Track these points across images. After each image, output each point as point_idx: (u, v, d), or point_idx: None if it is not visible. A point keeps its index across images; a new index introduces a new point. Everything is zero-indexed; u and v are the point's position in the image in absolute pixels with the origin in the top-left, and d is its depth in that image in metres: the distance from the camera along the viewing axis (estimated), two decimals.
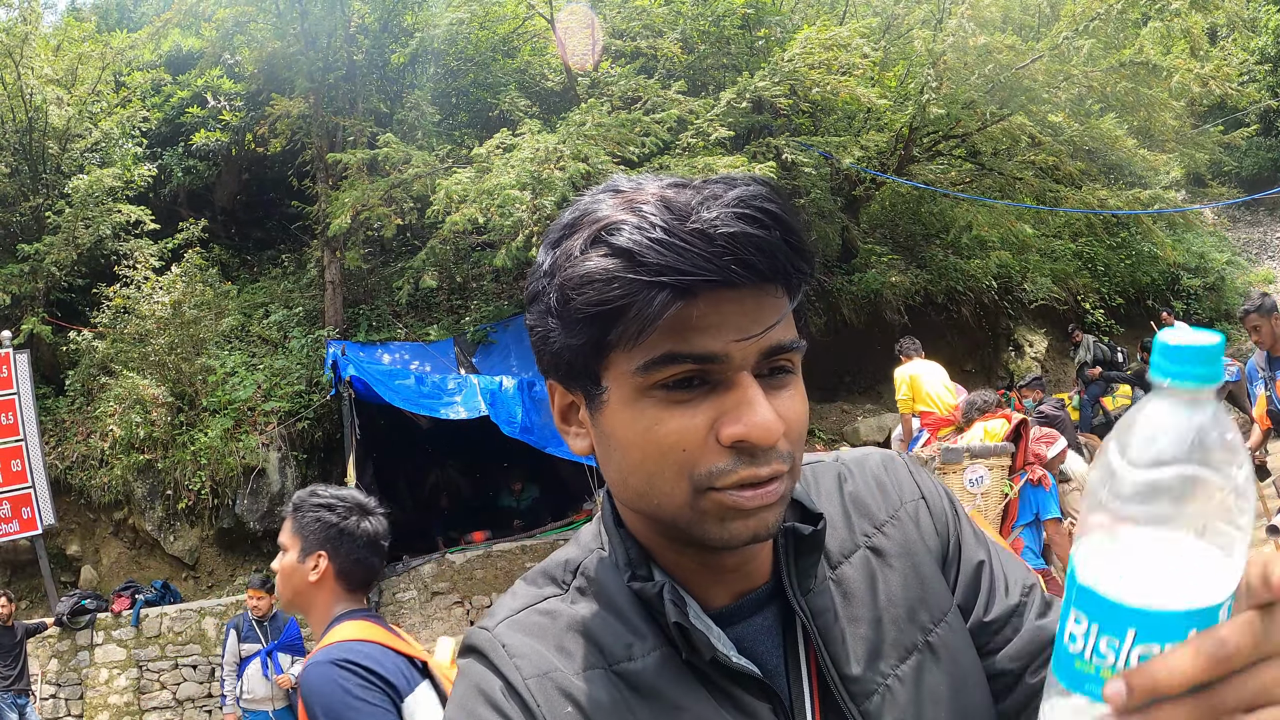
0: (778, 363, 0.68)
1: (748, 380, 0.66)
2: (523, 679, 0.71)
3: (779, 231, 0.64)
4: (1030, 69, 10.97)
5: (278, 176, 12.75)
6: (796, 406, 0.70)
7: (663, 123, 9.23)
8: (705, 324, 0.64)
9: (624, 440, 0.69)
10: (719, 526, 0.68)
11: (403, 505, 10.56)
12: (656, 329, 0.63)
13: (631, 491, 0.71)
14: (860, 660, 0.76)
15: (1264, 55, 19.61)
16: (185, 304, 10.09)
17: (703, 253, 0.62)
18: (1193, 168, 16.34)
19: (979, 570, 0.85)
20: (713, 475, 0.66)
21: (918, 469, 0.92)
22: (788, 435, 0.68)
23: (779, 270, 0.65)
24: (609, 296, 0.63)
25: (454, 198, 8.48)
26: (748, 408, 0.65)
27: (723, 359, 0.65)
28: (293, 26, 10.92)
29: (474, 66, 12.12)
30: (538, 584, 0.81)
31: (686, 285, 0.62)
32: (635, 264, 0.63)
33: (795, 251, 0.66)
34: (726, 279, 0.62)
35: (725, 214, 0.63)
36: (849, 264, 12.78)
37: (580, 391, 0.72)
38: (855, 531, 0.83)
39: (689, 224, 0.63)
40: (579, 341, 0.68)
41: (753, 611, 0.77)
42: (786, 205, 0.66)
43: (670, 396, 0.66)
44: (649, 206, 0.64)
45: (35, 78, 10.96)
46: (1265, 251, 19.97)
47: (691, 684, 0.72)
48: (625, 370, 0.67)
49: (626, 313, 0.63)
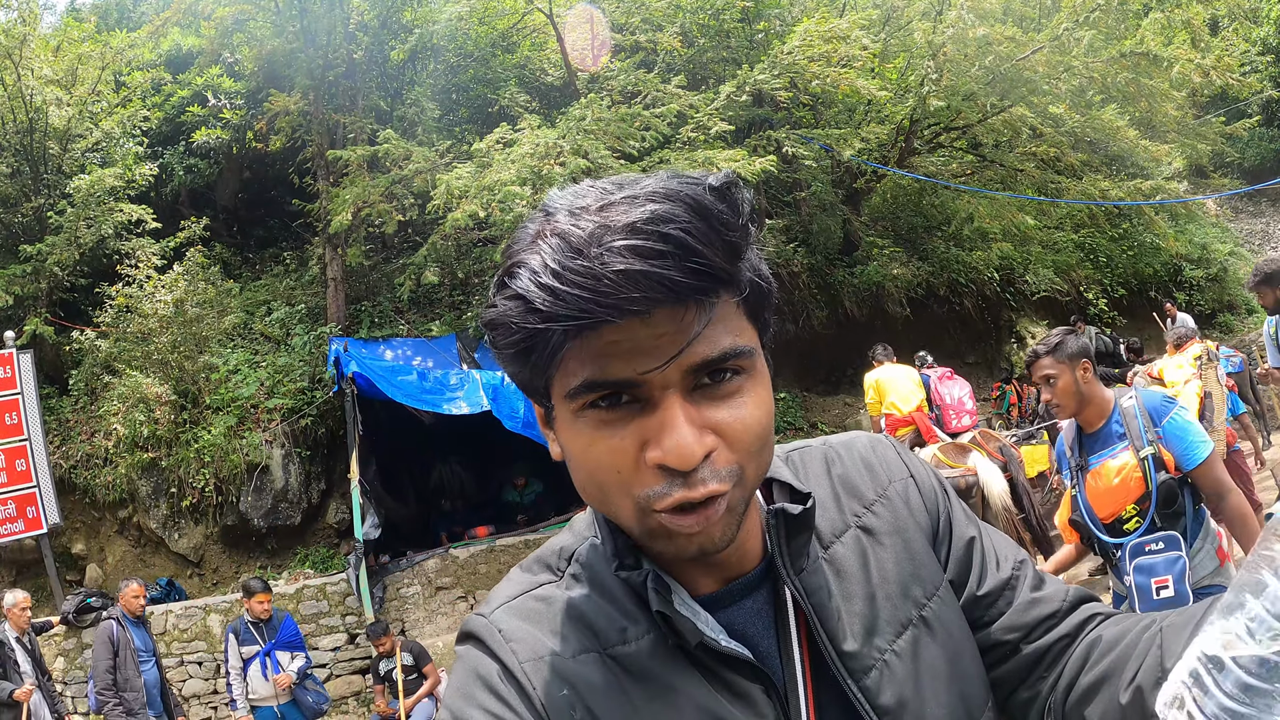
0: (716, 368, 0.67)
1: (670, 401, 0.65)
2: (519, 663, 0.73)
3: (677, 258, 0.61)
4: (1031, 60, 10.95)
5: (279, 174, 12.76)
6: (745, 415, 0.68)
7: (663, 117, 9.22)
8: (618, 351, 0.64)
9: (572, 456, 0.72)
10: (666, 543, 0.69)
11: (406, 501, 10.58)
12: (574, 356, 0.65)
13: (593, 501, 0.74)
14: (857, 637, 0.77)
15: (1266, 46, 19.54)
16: (188, 302, 10.10)
17: (589, 295, 0.61)
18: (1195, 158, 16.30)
19: (970, 546, 0.87)
20: (649, 498, 0.67)
21: (905, 450, 0.93)
22: (732, 448, 0.68)
23: (678, 295, 0.62)
24: (512, 340, 0.66)
25: (455, 193, 8.48)
26: (666, 431, 0.65)
27: (641, 384, 0.65)
28: (292, 24, 10.92)
29: (474, 62, 12.12)
30: (533, 570, 0.82)
31: (577, 327, 0.62)
32: (530, 310, 0.64)
33: (700, 275, 0.63)
34: (616, 318, 0.62)
35: (618, 245, 0.61)
36: (851, 257, 12.77)
37: (540, 407, 0.75)
38: (845, 512, 0.84)
39: (579, 262, 0.62)
40: (518, 377, 0.72)
41: (743, 595, 0.78)
42: (698, 222, 0.63)
43: (600, 417, 0.67)
44: (548, 243, 0.64)
45: (35, 79, 10.96)
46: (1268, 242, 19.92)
47: (684, 667, 0.73)
48: (559, 395, 0.69)
49: (530, 353, 0.66)
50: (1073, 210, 14.19)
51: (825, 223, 12.45)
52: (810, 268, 12.22)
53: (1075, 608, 0.85)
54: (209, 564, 9.98)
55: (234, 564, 10.04)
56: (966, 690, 0.79)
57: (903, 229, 14.19)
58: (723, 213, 0.64)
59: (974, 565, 0.86)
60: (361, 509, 8.52)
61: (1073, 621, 0.83)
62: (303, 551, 9.97)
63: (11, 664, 6.21)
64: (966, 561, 0.86)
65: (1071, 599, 0.85)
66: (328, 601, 8.60)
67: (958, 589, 0.85)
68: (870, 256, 12.60)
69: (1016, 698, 0.84)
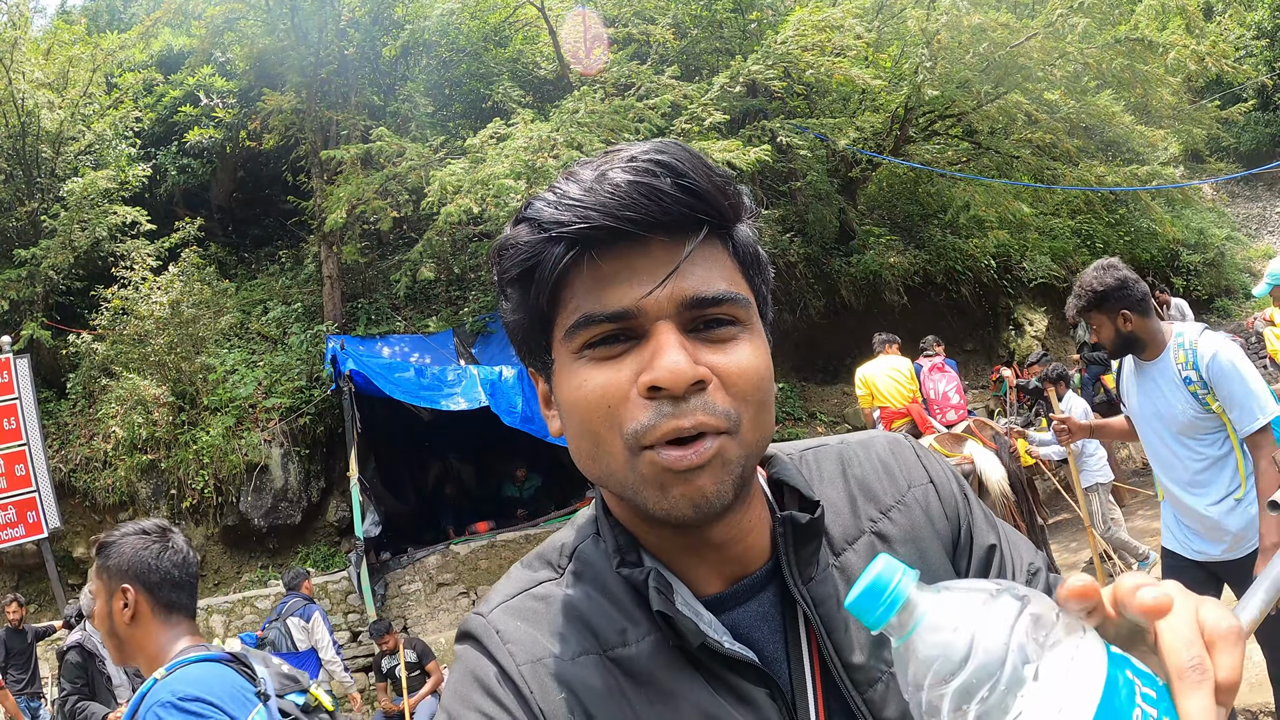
0: (711, 315, 0.68)
1: (663, 328, 0.67)
2: (516, 665, 0.72)
3: (669, 178, 0.66)
4: (1025, 47, 10.92)
5: (273, 173, 12.73)
6: (740, 359, 0.69)
7: (657, 109, 9.19)
8: (616, 279, 0.67)
9: (566, 405, 0.71)
10: (658, 494, 0.68)
11: (406, 498, 10.58)
12: (573, 291, 0.68)
13: (585, 458, 0.72)
14: (864, 648, 0.75)
15: (1260, 30, 19.49)
16: (184, 303, 10.09)
17: (591, 205, 0.66)
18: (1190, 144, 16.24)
19: (990, 554, 0.85)
20: (639, 432, 0.67)
21: (925, 452, 0.91)
22: (726, 388, 0.68)
23: (671, 213, 0.66)
24: (519, 259, 0.69)
25: (449, 189, 8.46)
26: (657, 354, 0.66)
27: (637, 313, 0.67)
28: (283, 22, 10.88)
29: (466, 57, 12.08)
30: (533, 568, 0.81)
31: (579, 235, 0.66)
32: (537, 227, 0.68)
33: (689, 194, 0.67)
34: (615, 225, 0.65)
35: (617, 169, 0.67)
36: (847, 246, 12.75)
37: (541, 369, 0.75)
38: (860, 517, 0.82)
39: (583, 185, 0.67)
40: (520, 315, 0.72)
41: (748, 597, 0.77)
42: (686, 156, 0.68)
43: (596, 354, 0.69)
44: (560, 182, 0.69)
45: (26, 82, 10.94)
46: (1265, 226, 19.91)
47: (686, 670, 0.72)
48: (559, 339, 0.70)
49: (534, 273, 0.68)
50: (1069, 196, 14.16)
51: (821, 212, 12.43)
52: (807, 257, 12.20)
53: None
54: (210, 564, 9.97)
55: (235, 564, 10.04)
56: None
57: (899, 217, 14.17)
58: (714, 164, 0.70)
59: (992, 575, 0.84)
60: (361, 506, 8.52)
61: None
62: (303, 550, 9.97)
63: (102, 680, 5.31)
64: (985, 571, 0.85)
65: None
66: (329, 600, 8.60)
67: None
68: (867, 245, 12.58)
69: None
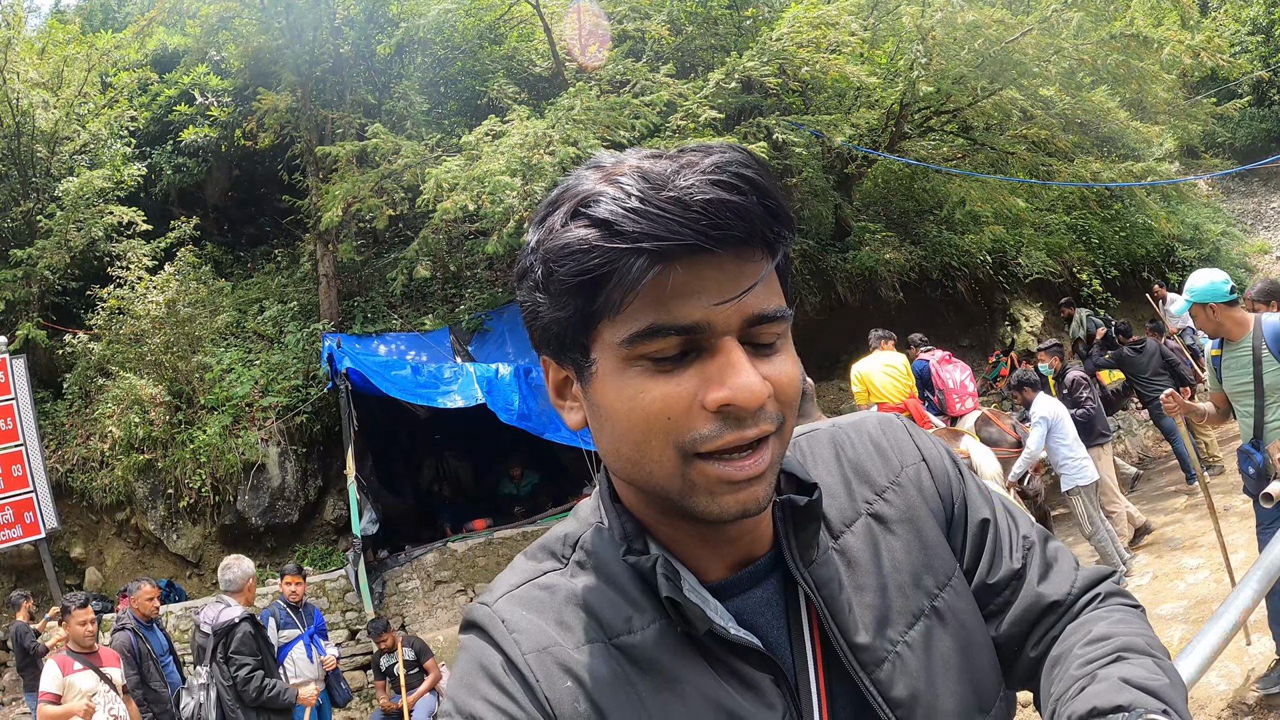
0: (763, 335, 0.69)
1: (731, 344, 0.67)
2: (522, 654, 0.72)
3: (755, 196, 0.65)
4: (1020, 43, 10.92)
5: (268, 171, 12.70)
6: (787, 369, 0.70)
7: (652, 105, 9.18)
8: (686, 290, 0.65)
9: (613, 410, 0.69)
10: (708, 500, 0.68)
11: (403, 496, 10.58)
12: (638, 297, 0.65)
13: (624, 461, 0.71)
14: (869, 628, 0.76)
15: (1255, 26, 19.52)
16: (180, 303, 10.08)
17: (678, 218, 0.63)
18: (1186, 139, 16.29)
19: (984, 529, 0.86)
20: (698, 440, 0.66)
21: (917, 430, 0.91)
22: (777, 397, 0.69)
23: (755, 233, 0.66)
24: (589, 266, 0.65)
25: (444, 186, 8.45)
26: (731, 371, 0.66)
27: (705, 327, 0.66)
28: (278, 21, 10.86)
29: (461, 54, 12.06)
30: (537, 558, 0.81)
31: (664, 250, 0.63)
32: (613, 233, 0.64)
33: (771, 215, 0.66)
34: (703, 243, 0.63)
35: (700, 180, 0.64)
36: (843, 242, 12.76)
37: (571, 364, 0.72)
38: (856, 499, 0.83)
39: (665, 192, 0.64)
40: (565, 314, 0.69)
41: (752, 583, 0.77)
42: (762, 170, 0.67)
43: (656, 367, 0.67)
44: (626, 178, 0.66)
45: (21, 82, 10.91)
46: (1260, 222, 19.96)
47: (692, 656, 0.72)
48: (611, 342, 0.68)
49: (607, 281, 0.65)
50: (1064, 192, 14.18)
51: (817, 208, 12.43)
52: (802, 253, 12.21)
53: (1082, 596, 0.84)
54: (208, 564, 9.96)
55: None
56: (978, 680, 0.79)
57: (894, 213, 14.18)
58: (774, 177, 0.69)
59: (986, 550, 0.85)
60: (359, 505, 8.52)
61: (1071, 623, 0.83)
62: (301, 549, 9.97)
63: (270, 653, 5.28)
64: (979, 546, 0.85)
65: (1080, 586, 0.84)
66: (327, 598, 8.60)
67: (969, 574, 0.84)
68: (862, 241, 12.59)
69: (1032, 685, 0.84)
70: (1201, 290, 3.98)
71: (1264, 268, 17.78)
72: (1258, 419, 3.87)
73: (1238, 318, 3.96)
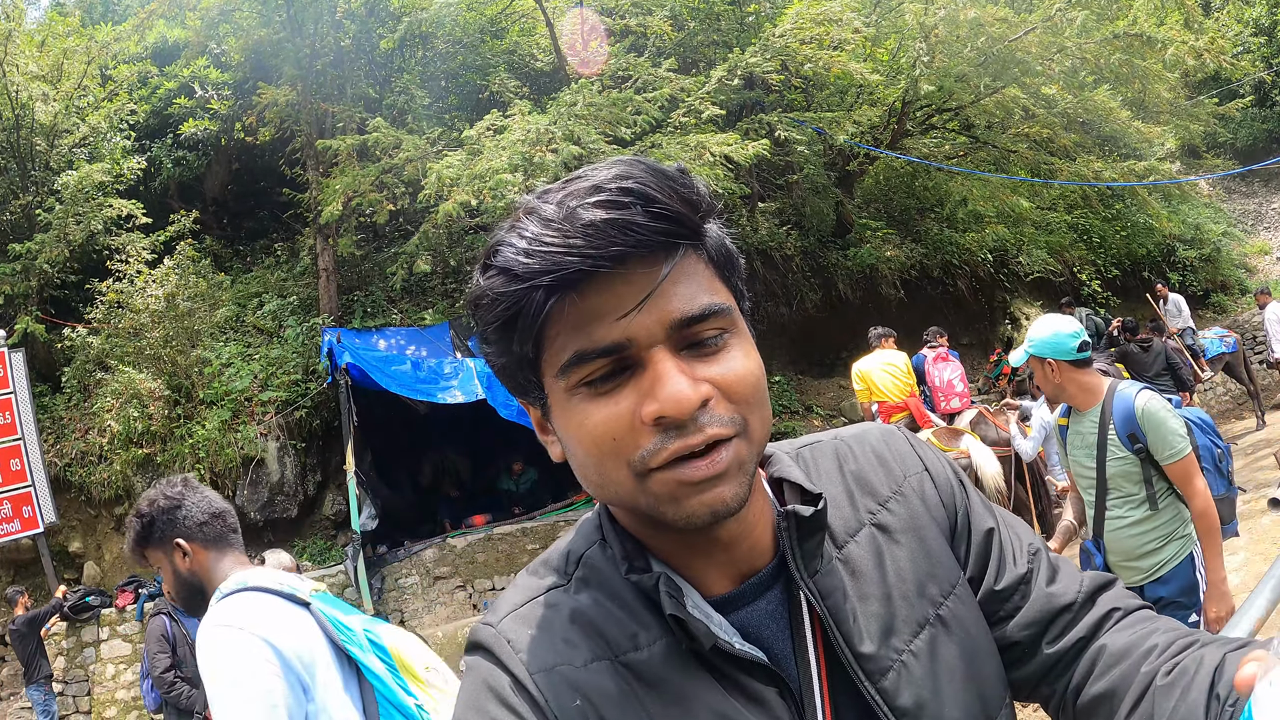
0: (700, 335, 0.68)
1: (659, 355, 0.67)
2: (529, 674, 0.72)
3: (638, 205, 0.65)
4: (1023, 41, 10.91)
5: (268, 165, 12.67)
6: (734, 366, 0.69)
7: (654, 101, 9.16)
8: (600, 312, 0.66)
9: (569, 439, 0.72)
10: (674, 507, 0.68)
11: (402, 491, 10.57)
12: (559, 330, 0.67)
13: (594, 486, 0.73)
14: (874, 638, 0.76)
15: (1258, 26, 19.52)
16: (179, 296, 10.04)
17: (560, 249, 0.65)
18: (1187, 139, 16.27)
19: (988, 539, 0.86)
20: (646, 457, 0.67)
21: (919, 441, 0.92)
22: (727, 396, 0.68)
23: (644, 243, 0.66)
24: (499, 312, 0.69)
25: (446, 181, 8.43)
26: (659, 383, 0.66)
27: (628, 344, 0.67)
28: (278, 14, 10.82)
29: (463, 49, 12.04)
30: (539, 575, 0.81)
31: (559, 281, 0.65)
32: (511, 277, 0.67)
33: (660, 218, 0.66)
34: (588, 266, 0.65)
35: (579, 205, 0.66)
36: (844, 239, 12.76)
37: (536, 403, 0.75)
38: (860, 509, 0.83)
39: (551, 225, 0.66)
40: (507, 359, 0.72)
41: (756, 596, 0.77)
42: (649, 176, 0.67)
43: (594, 390, 0.68)
44: (523, 220, 0.68)
45: (20, 74, 10.88)
46: (1261, 222, 19.95)
47: (698, 672, 0.72)
48: (551, 376, 0.70)
49: (517, 322, 0.68)
50: (1066, 191, 14.18)
51: (818, 205, 12.42)
52: (803, 251, 12.21)
53: (1091, 600, 0.84)
54: None
55: None
56: (984, 690, 0.79)
57: (895, 211, 14.18)
58: (677, 175, 0.69)
59: (992, 559, 0.85)
60: (358, 500, 8.51)
61: (1089, 621, 0.82)
62: (300, 544, 9.95)
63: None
64: (985, 555, 0.85)
65: (1087, 590, 0.85)
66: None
67: (975, 583, 0.84)
68: (863, 239, 12.59)
69: (1038, 693, 0.84)
70: (1042, 343, 3.10)
71: (1264, 268, 17.79)
72: (1098, 514, 3.14)
73: (1085, 383, 3.10)
